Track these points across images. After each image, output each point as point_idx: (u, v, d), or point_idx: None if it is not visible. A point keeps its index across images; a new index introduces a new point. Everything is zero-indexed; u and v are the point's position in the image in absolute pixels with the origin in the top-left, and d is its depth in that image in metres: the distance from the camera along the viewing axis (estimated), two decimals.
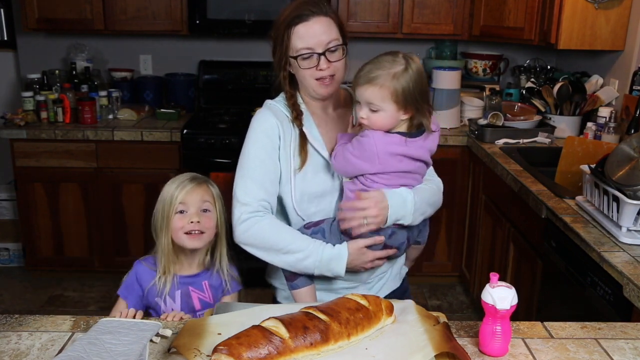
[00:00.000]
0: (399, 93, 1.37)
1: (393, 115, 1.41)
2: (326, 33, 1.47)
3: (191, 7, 3.30)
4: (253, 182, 1.51)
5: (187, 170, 3.20)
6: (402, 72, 1.37)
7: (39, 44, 3.69)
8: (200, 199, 1.56)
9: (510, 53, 3.71)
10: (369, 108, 1.40)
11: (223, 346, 1.01)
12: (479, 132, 2.98)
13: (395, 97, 1.37)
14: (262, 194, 1.51)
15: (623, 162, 1.74)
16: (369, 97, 1.39)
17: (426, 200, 1.52)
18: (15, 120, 3.19)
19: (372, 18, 3.39)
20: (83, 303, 3.28)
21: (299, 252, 1.47)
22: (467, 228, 3.26)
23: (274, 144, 1.53)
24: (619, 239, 1.72)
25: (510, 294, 1.09)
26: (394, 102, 1.38)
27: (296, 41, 1.47)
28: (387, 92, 1.37)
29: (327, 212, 1.55)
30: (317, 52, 1.46)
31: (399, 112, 1.40)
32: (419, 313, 1.22)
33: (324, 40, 1.46)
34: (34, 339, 1.15)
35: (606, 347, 1.16)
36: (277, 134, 1.53)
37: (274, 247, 1.48)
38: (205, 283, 1.60)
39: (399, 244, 1.52)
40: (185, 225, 1.54)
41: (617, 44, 2.84)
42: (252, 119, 1.59)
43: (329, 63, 1.47)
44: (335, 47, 1.47)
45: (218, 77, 3.70)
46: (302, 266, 1.47)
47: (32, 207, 3.31)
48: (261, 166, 1.51)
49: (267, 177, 1.51)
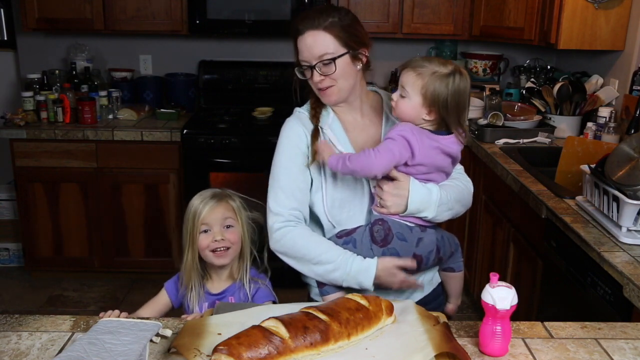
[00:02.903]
0: (429, 90, 1.40)
1: (415, 107, 1.43)
2: (318, 47, 1.48)
3: (191, 7, 3.30)
4: (283, 192, 1.54)
5: (187, 170, 3.24)
6: (443, 75, 1.40)
7: (39, 43, 3.69)
8: (221, 216, 1.58)
9: (510, 53, 3.71)
10: (401, 92, 1.45)
11: (223, 346, 1.01)
12: (479, 132, 2.98)
13: (425, 91, 1.40)
14: (293, 203, 1.54)
15: (623, 162, 1.74)
16: (404, 80, 1.44)
17: (454, 196, 1.53)
18: (15, 120, 3.19)
19: (372, 18, 3.39)
20: (83, 303, 3.28)
21: (328, 263, 1.48)
22: (467, 228, 3.26)
23: (302, 152, 1.55)
24: (619, 239, 1.72)
25: (510, 294, 1.09)
26: (421, 95, 1.41)
27: (298, 53, 1.53)
28: (420, 82, 1.41)
29: (358, 219, 1.56)
30: (310, 65, 1.50)
31: (423, 108, 1.42)
32: (419, 313, 1.22)
33: (315, 53, 1.49)
34: (34, 339, 1.15)
35: (606, 347, 1.16)
36: (305, 142, 1.55)
37: (305, 258, 1.51)
38: (231, 299, 1.61)
39: (427, 252, 1.51)
40: (210, 244, 1.57)
41: (617, 44, 2.84)
42: (281, 128, 1.61)
43: (322, 75, 1.50)
44: (326, 62, 1.49)
45: (218, 77, 3.70)
46: (331, 277, 1.50)
47: (32, 207, 3.31)
48: (290, 176, 1.55)
49: (296, 186, 1.54)
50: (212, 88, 3.70)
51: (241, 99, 3.67)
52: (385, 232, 1.48)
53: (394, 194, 1.46)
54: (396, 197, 1.46)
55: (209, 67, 3.70)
